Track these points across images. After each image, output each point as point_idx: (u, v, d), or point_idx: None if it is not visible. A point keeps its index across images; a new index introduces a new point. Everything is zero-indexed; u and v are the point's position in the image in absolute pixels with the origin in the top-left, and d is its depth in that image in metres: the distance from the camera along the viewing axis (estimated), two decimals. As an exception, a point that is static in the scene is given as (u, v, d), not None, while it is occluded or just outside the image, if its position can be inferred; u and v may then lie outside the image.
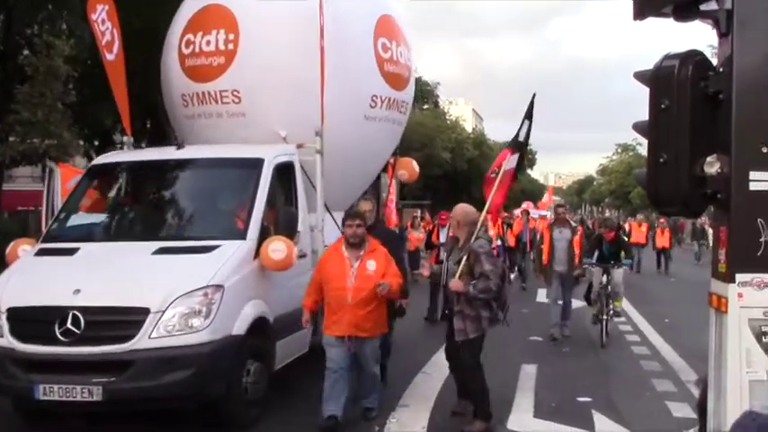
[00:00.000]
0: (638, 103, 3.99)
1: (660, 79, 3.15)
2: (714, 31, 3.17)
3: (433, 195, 43.14)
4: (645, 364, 9.17)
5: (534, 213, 25.95)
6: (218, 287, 5.86)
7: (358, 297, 6.04)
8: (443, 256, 7.82)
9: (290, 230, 6.74)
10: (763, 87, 2.99)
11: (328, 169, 7.60)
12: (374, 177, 9.73)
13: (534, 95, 7.47)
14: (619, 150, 72.98)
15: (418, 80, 48.50)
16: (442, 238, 12.14)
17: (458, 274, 6.19)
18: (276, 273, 6.57)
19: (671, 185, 3.12)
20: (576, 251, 11.00)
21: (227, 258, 6.20)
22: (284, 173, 7.37)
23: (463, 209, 6.65)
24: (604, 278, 10.66)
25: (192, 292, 5.75)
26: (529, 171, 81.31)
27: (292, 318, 6.61)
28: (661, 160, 3.08)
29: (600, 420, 6.58)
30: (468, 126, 63.35)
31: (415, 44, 9.63)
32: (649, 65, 3.32)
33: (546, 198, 43.88)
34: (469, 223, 6.44)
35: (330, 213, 7.74)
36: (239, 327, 6.01)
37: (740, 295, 3.00)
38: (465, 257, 6.19)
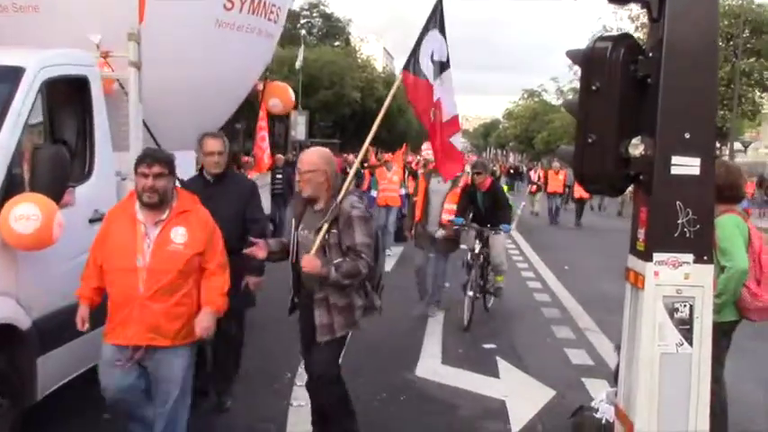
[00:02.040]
0: (548, 49, 3.98)
1: (592, 60, 3.23)
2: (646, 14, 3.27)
3: (342, 134, 43.06)
4: (546, 311, 9.57)
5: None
6: None
7: (155, 285, 3.89)
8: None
9: (54, 184, 4.15)
10: (689, 74, 3.12)
11: (160, 92, 5.63)
12: (235, 106, 7.67)
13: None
14: (525, 96, 74.44)
15: (329, 16, 47.77)
16: None
17: (314, 248, 4.26)
18: (36, 252, 4.11)
19: (597, 165, 3.24)
20: (446, 206, 8.55)
21: None
22: (70, 93, 4.88)
23: (316, 155, 4.46)
24: (477, 245, 8.61)
25: None
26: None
27: (72, 317, 4.16)
28: (589, 140, 3.18)
29: (504, 367, 6.86)
30: (379, 65, 63.03)
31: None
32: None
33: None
34: (331, 175, 4.40)
35: None
36: None
37: (656, 273, 3.18)
38: (328, 224, 4.28)
